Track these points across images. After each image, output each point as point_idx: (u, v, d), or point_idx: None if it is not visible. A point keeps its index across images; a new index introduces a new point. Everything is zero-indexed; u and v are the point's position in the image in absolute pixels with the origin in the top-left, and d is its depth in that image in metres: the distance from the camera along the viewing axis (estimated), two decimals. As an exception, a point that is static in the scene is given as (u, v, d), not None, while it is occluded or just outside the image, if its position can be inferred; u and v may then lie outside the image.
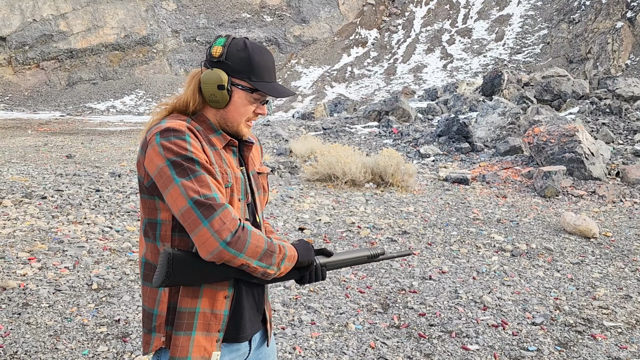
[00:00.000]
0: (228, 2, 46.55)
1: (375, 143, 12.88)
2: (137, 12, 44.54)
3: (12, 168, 9.66)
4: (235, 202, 1.43)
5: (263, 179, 1.62)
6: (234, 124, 1.47)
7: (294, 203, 7.26)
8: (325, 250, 1.54)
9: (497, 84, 16.25)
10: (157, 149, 1.33)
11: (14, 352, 3.10)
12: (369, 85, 39.53)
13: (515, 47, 39.91)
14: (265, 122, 18.16)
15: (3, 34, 41.16)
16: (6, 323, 3.46)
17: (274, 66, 1.49)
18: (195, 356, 1.39)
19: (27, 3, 42.33)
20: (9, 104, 38.38)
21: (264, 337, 1.61)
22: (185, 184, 1.29)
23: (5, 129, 21.72)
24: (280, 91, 1.47)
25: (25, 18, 41.98)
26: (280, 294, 4.11)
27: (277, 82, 1.50)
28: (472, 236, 5.91)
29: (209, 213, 1.28)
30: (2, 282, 4.10)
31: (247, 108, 1.46)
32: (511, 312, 3.89)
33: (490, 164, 10.34)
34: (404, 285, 4.38)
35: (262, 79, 1.44)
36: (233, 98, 1.44)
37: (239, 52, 1.42)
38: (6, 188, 7.51)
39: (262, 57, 1.45)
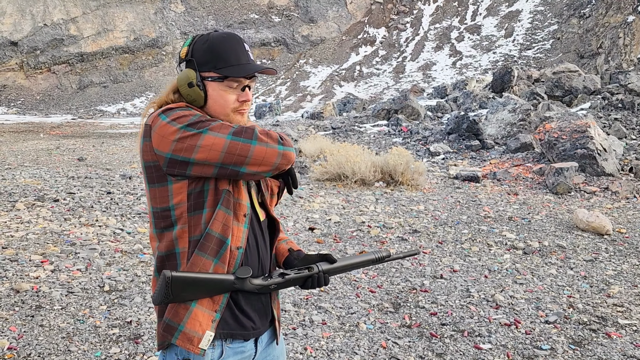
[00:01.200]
0: (236, 3, 46.70)
1: (384, 142, 12.85)
2: (146, 15, 44.84)
3: (24, 172, 9.76)
4: (240, 184, 1.45)
5: (270, 180, 1.61)
6: (222, 116, 1.44)
7: (303, 203, 7.25)
8: (329, 256, 1.54)
9: (507, 81, 16.12)
10: (167, 125, 1.34)
11: (28, 354, 3.13)
12: (378, 84, 39.44)
13: (525, 43, 39.62)
14: (275, 122, 18.19)
15: (14, 39, 41.63)
16: (20, 325, 3.49)
17: (241, 47, 1.45)
18: (188, 328, 1.38)
19: (38, 8, 42.76)
20: (21, 108, 38.82)
21: (272, 336, 1.59)
22: (214, 127, 1.34)
23: (18, 132, 21.96)
24: (248, 69, 1.43)
25: (36, 23, 42.42)
26: (291, 294, 4.11)
27: (250, 63, 1.45)
28: (483, 234, 5.87)
29: (250, 133, 1.35)
30: (15, 284, 4.13)
31: (226, 98, 1.43)
32: (524, 310, 3.85)
33: (501, 161, 10.26)
34: (415, 284, 4.35)
35: (228, 63, 1.41)
36: (208, 92, 1.43)
37: (202, 46, 1.43)
38: (19, 191, 7.59)
39: (225, 43, 1.43)
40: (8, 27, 41.79)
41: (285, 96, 39.18)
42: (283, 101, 36.83)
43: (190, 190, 1.38)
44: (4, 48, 41.49)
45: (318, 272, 1.51)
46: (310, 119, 19.14)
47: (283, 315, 3.75)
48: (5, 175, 9.21)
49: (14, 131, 22.68)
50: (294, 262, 1.56)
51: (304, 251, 1.62)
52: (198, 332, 1.38)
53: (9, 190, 7.65)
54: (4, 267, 4.51)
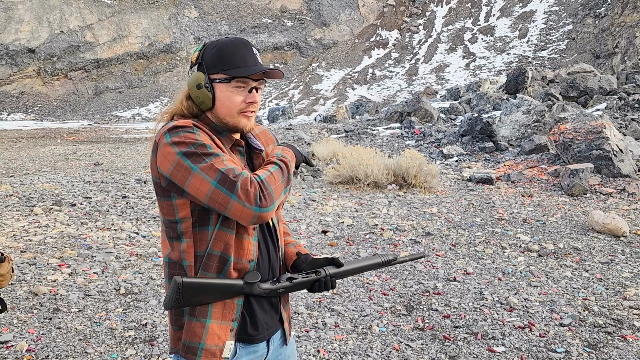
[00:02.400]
0: (249, 8, 46.99)
1: (397, 144, 12.83)
2: (160, 20, 45.31)
3: (42, 177, 9.92)
4: None
5: None
6: (228, 118, 1.47)
7: (316, 206, 7.28)
8: (335, 260, 1.57)
9: (521, 82, 16.01)
10: (168, 147, 1.37)
11: (46, 356, 3.19)
12: (391, 87, 39.38)
13: (539, 44, 39.28)
14: (288, 125, 18.26)
15: (32, 46, 42.32)
16: (38, 328, 3.56)
17: (248, 50, 1.47)
18: (209, 344, 1.43)
19: (55, 15, 43.45)
20: (39, 114, 39.43)
21: (283, 337, 1.62)
22: (204, 168, 1.35)
23: (36, 138, 22.31)
24: (252, 69, 1.45)
25: (53, 30, 43.09)
26: (304, 297, 4.13)
27: (257, 65, 1.47)
28: (497, 236, 5.84)
29: (232, 187, 1.34)
30: (33, 288, 4.21)
31: (233, 99, 1.45)
32: (538, 313, 3.83)
33: (515, 163, 10.19)
34: (428, 286, 4.35)
35: (235, 65, 1.44)
36: (216, 94, 1.46)
37: (211, 50, 1.46)
38: (37, 196, 7.72)
39: (232, 46, 1.46)
40: (26, 34, 42.51)
41: (298, 100, 39.28)
42: (296, 105, 36.93)
43: (193, 207, 1.41)
44: (22, 55, 42.20)
45: (325, 276, 1.53)
46: (323, 122, 19.18)
47: (296, 317, 3.77)
48: (24, 180, 9.37)
49: (32, 137, 23.05)
50: (301, 266, 1.58)
51: (312, 255, 1.64)
52: (219, 345, 1.43)
53: (27, 195, 7.78)
54: (23, 271, 4.59)
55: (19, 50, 42.06)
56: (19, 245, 5.38)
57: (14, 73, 42.06)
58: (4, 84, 41.70)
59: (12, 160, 13.43)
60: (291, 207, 7.21)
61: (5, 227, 6.05)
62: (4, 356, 3.18)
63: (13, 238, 5.65)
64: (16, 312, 3.79)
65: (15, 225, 6.15)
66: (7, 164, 12.50)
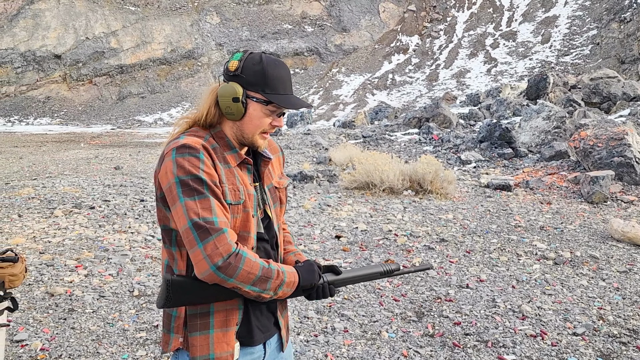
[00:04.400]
0: (270, 14, 47.36)
1: (415, 150, 12.76)
2: (182, 27, 45.96)
3: (64, 180, 10.12)
4: (250, 218, 1.48)
5: (281, 192, 1.65)
6: (249, 135, 1.50)
7: (331, 211, 7.28)
8: (334, 267, 1.57)
9: (543, 87, 15.81)
10: (171, 165, 1.38)
11: (59, 356, 3.25)
12: (411, 92, 39.23)
13: (562, 49, 38.75)
14: (306, 131, 18.31)
15: (58, 52, 43.32)
16: (52, 327, 3.63)
17: (289, 79, 1.51)
18: (218, 352, 1.44)
19: (80, 22, 44.41)
20: (64, 118, 40.28)
21: (279, 342, 1.63)
22: (189, 205, 1.35)
23: (60, 142, 22.79)
24: (293, 103, 1.49)
25: (79, 37, 44.04)
26: (314, 302, 4.14)
27: (293, 95, 1.52)
28: (513, 244, 5.77)
29: (205, 236, 1.33)
30: (50, 288, 4.30)
31: (262, 120, 1.49)
32: (551, 321, 3.77)
33: (534, 169, 10.06)
34: (440, 293, 4.31)
35: (276, 91, 1.47)
36: (248, 110, 1.48)
37: (254, 66, 1.46)
38: (58, 199, 7.88)
39: (277, 70, 1.48)
40: (52, 40, 43.55)
41: (318, 105, 39.38)
42: (315, 110, 37.03)
43: None
44: (49, 61, 43.22)
45: (323, 283, 1.53)
46: (342, 127, 19.19)
47: (306, 322, 3.78)
48: (46, 183, 9.58)
49: (56, 141, 23.55)
50: None
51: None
52: (229, 351, 1.45)
53: (48, 198, 7.95)
54: (41, 272, 4.70)
55: (45, 56, 43.09)
56: (38, 246, 5.50)
57: (41, 78, 43.09)
58: (31, 89, 42.74)
59: (36, 163, 13.74)
60: (306, 211, 7.23)
61: (26, 229, 6.19)
62: (19, 355, 3.25)
63: (33, 239, 5.78)
64: (32, 312, 3.87)
65: (36, 227, 6.29)
66: (31, 167, 12.79)
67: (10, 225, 6.38)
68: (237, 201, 1.44)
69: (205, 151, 1.41)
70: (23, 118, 40.15)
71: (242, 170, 1.51)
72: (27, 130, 33.04)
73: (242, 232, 1.46)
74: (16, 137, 27.23)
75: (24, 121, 39.60)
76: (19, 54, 42.77)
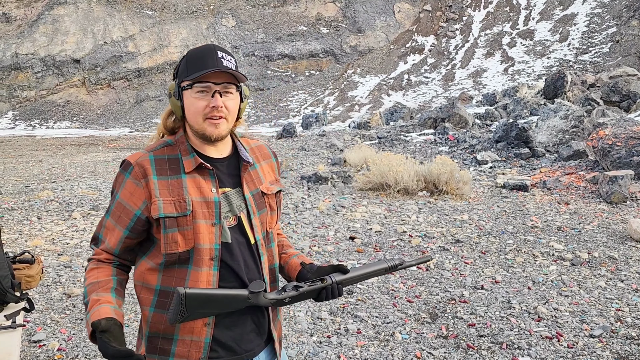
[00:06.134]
0: (285, 16, 47.51)
1: (430, 151, 12.69)
2: (198, 30, 46.33)
3: (82, 183, 10.27)
4: (200, 227, 1.42)
5: (270, 198, 1.57)
6: (196, 126, 1.45)
7: (346, 212, 7.27)
8: (341, 267, 1.53)
9: (560, 86, 15.60)
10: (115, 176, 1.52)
11: (75, 356, 3.30)
12: (427, 93, 39.01)
13: (581, 47, 38.18)
14: (321, 132, 18.32)
15: (77, 56, 43.99)
16: (69, 328, 3.69)
17: (211, 54, 1.43)
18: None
19: (99, 27, 45.05)
20: (83, 122, 40.87)
21: (271, 356, 1.57)
22: (102, 217, 1.53)
23: (79, 145, 23.13)
24: (203, 69, 1.40)
25: (97, 41, 44.68)
26: (328, 303, 4.13)
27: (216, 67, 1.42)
28: (529, 245, 5.70)
29: (91, 243, 1.55)
30: (67, 289, 4.37)
31: (196, 104, 1.43)
32: (567, 323, 3.71)
33: (552, 169, 9.93)
34: (454, 294, 4.28)
35: (195, 70, 1.42)
36: (184, 102, 1.45)
37: (182, 59, 1.48)
38: (76, 201, 8.00)
39: (196, 52, 1.46)
40: (71, 45, 44.24)
41: (334, 106, 39.38)
42: (331, 111, 37.03)
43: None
44: (68, 65, 43.91)
45: (331, 283, 1.51)
46: (357, 128, 19.15)
47: (319, 323, 3.78)
48: (65, 186, 9.73)
49: (75, 144, 23.91)
50: (307, 275, 1.55)
51: (316, 263, 1.62)
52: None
53: (67, 200, 8.08)
54: (59, 273, 4.77)
55: (65, 60, 43.80)
56: (57, 248, 5.59)
57: (60, 83, 43.80)
58: (50, 93, 43.47)
59: (55, 166, 13.96)
60: (320, 213, 7.24)
61: (44, 231, 6.30)
62: (37, 355, 3.31)
63: (51, 241, 5.87)
64: (50, 312, 3.94)
65: (54, 229, 6.39)
66: (51, 170, 13.00)
67: (29, 227, 6.50)
68: (181, 213, 1.40)
69: (140, 168, 1.43)
70: (43, 122, 40.84)
71: (203, 176, 1.46)
72: (47, 134, 33.60)
73: (196, 244, 1.41)
74: (36, 140, 27.71)
75: (44, 125, 40.28)
76: (39, 59, 43.55)
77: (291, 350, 3.37)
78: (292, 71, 45.32)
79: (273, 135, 21.20)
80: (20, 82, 43.38)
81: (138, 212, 1.42)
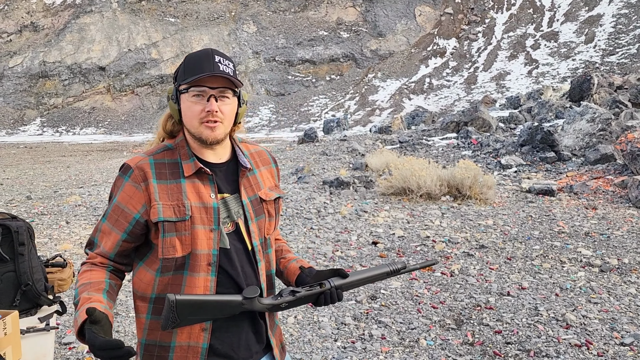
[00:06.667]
0: (305, 22, 47.73)
1: (453, 155, 12.58)
2: (220, 36, 46.85)
3: (108, 188, 10.46)
4: (199, 232, 1.42)
5: (269, 205, 1.56)
6: (193, 129, 1.45)
7: (368, 217, 7.26)
8: (341, 271, 1.50)
9: (586, 89, 15.33)
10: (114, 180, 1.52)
11: (104, 358, 3.35)
12: (449, 96, 38.73)
13: (607, 49, 37.48)
14: (342, 137, 18.32)
15: (102, 64, 44.90)
16: (98, 331, 3.75)
17: (208, 58, 1.42)
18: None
19: (123, 35, 45.91)
20: (108, 128, 41.65)
21: None
22: (98, 221, 1.54)
23: (105, 151, 23.57)
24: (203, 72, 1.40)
25: (122, 49, 45.53)
26: (351, 308, 4.13)
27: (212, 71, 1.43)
28: (556, 250, 5.60)
29: (86, 248, 1.54)
30: (96, 292, 4.45)
31: (192, 108, 1.43)
32: (597, 331, 3.64)
33: (578, 173, 9.75)
34: (480, 301, 4.23)
35: (192, 74, 1.42)
36: (182, 106, 1.46)
37: (181, 63, 1.49)
38: (103, 206, 8.14)
39: (193, 56, 1.46)
40: (97, 53, 45.19)
41: (354, 111, 39.37)
42: (352, 116, 37.02)
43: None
44: (94, 73, 44.85)
45: (330, 288, 1.47)
46: (378, 132, 19.11)
47: (343, 328, 3.78)
48: (92, 191, 9.92)
49: (101, 150, 24.37)
50: (306, 280, 1.52)
51: (316, 268, 1.59)
52: None
53: (94, 205, 8.23)
54: (87, 276, 4.86)
55: (91, 68, 44.75)
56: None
57: (86, 90, 44.74)
58: (77, 100, 44.43)
59: (82, 172, 14.25)
60: (342, 218, 7.24)
61: (73, 235, 6.43)
62: (67, 357, 3.38)
63: (80, 245, 5.99)
64: (79, 315, 4.01)
65: (82, 233, 6.52)
66: (78, 176, 13.27)
67: (59, 231, 6.64)
68: (180, 217, 1.40)
69: (139, 171, 1.44)
70: (70, 128, 41.75)
71: (202, 181, 1.46)
72: (74, 140, 34.33)
73: (193, 250, 1.41)
74: (64, 146, 28.33)
75: (70, 131, 41.17)
76: (65, 66, 44.59)
77: (315, 355, 3.37)
78: (312, 76, 45.46)
79: (294, 140, 21.29)
80: (48, 90, 44.46)
81: (137, 215, 1.42)
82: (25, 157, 21.45)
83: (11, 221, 2.35)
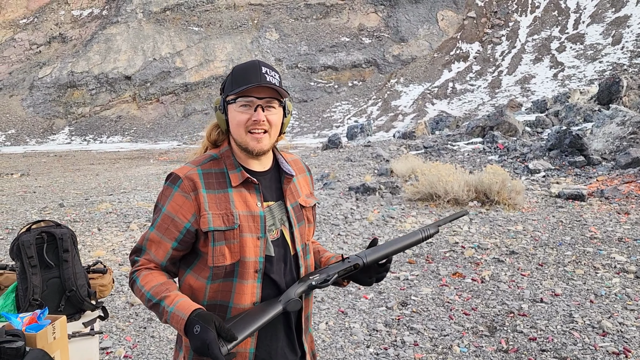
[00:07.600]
0: (327, 28, 47.92)
1: (479, 160, 12.46)
2: (243, 44, 47.35)
3: (137, 195, 10.65)
4: (248, 242, 1.46)
5: (307, 211, 1.61)
6: (239, 139, 1.49)
7: (395, 223, 7.24)
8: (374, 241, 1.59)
9: (615, 91, 15.04)
10: (161, 189, 1.54)
11: (141, 362, 3.42)
12: (472, 100, 38.37)
13: (635, 50, 36.69)
14: (366, 142, 18.30)
15: (128, 73, 45.78)
16: (134, 336, 3.83)
17: (255, 70, 1.47)
18: None
19: (148, 44, 46.77)
20: (134, 136, 42.38)
21: None
22: (149, 234, 1.52)
23: (132, 159, 23.98)
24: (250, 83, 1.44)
25: (147, 58, 46.38)
26: (383, 314, 4.13)
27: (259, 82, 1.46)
28: (589, 256, 5.51)
29: (133, 255, 1.55)
30: (130, 298, 4.54)
31: (239, 118, 1.46)
32: (635, 338, 3.57)
33: (609, 177, 9.56)
34: (513, 307, 4.19)
35: (239, 85, 1.46)
36: (229, 115, 1.50)
37: (229, 74, 1.53)
38: (133, 213, 8.30)
39: (240, 67, 1.50)
40: (123, 63, 46.11)
41: (377, 116, 39.30)
42: (375, 121, 36.95)
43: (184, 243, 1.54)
44: (120, 82, 45.76)
45: (362, 264, 1.52)
46: (402, 138, 19.03)
47: (374, 335, 3.78)
48: (121, 198, 10.12)
49: (128, 158, 24.81)
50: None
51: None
52: None
53: (124, 212, 8.39)
54: (121, 282, 4.96)
55: (117, 77, 45.68)
56: (117, 258, 5.82)
57: (113, 99, 45.66)
58: (104, 109, 45.36)
59: (111, 179, 14.53)
60: (370, 224, 7.23)
61: (105, 242, 6.56)
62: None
63: (112, 252, 6.12)
64: (115, 320, 4.10)
65: (114, 240, 6.65)
66: (107, 183, 13.54)
67: (91, 238, 6.79)
68: (229, 226, 1.44)
69: (189, 181, 1.46)
70: (97, 137, 42.61)
71: (249, 190, 1.50)
72: (101, 148, 35.03)
73: (242, 257, 1.45)
74: (92, 154, 28.93)
75: (98, 139, 42.02)
76: (93, 76, 45.59)
77: (348, 361, 3.38)
78: (335, 82, 45.57)
79: (318, 146, 21.36)
80: (76, 99, 45.50)
81: (188, 224, 1.45)
82: (55, 165, 21.98)
83: (55, 228, 2.42)
